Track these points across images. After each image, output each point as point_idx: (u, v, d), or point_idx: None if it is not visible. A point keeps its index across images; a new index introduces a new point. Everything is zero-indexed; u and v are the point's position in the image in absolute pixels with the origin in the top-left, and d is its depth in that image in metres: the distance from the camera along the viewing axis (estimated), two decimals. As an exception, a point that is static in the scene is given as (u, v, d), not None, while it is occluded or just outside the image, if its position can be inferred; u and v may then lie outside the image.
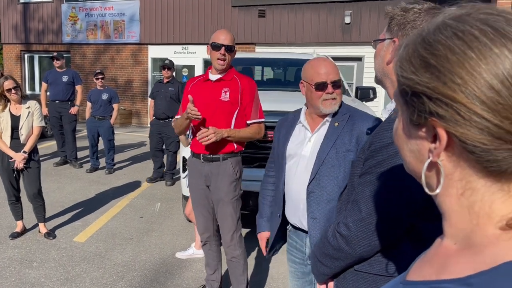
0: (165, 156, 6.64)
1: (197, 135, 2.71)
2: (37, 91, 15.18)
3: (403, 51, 0.57)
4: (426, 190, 0.58)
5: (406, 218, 1.11)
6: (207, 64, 12.17)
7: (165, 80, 6.41)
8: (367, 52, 10.83)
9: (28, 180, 4.22)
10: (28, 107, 4.23)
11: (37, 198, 4.31)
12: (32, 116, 4.24)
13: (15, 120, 4.15)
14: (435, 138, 0.54)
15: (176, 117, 3.05)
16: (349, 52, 11.06)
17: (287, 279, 3.44)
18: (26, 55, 15.28)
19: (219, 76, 2.85)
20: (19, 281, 3.46)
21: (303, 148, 2.01)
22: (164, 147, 6.55)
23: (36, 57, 15.18)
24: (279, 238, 2.22)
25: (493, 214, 0.52)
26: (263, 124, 2.94)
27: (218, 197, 2.90)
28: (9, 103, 4.16)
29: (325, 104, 1.94)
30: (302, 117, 2.06)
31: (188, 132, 3.18)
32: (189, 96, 2.75)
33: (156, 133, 6.41)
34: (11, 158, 4.10)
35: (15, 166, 4.09)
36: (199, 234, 3.16)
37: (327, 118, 1.97)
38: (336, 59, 11.27)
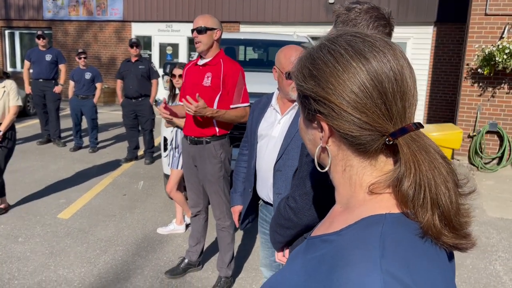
0: (141, 137, 6.74)
1: (184, 104, 2.80)
2: (18, 68, 14.95)
3: (298, 64, 0.74)
4: (318, 168, 0.75)
5: None
6: (191, 42, 12.14)
7: (134, 59, 6.37)
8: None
9: None
10: (4, 87, 4.24)
11: None
12: (8, 95, 4.24)
13: None
14: (322, 129, 0.71)
15: (178, 103, 3.21)
16: (332, 32, 11.13)
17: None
18: (6, 31, 14.97)
19: (205, 60, 2.98)
20: (5, 255, 3.60)
21: (273, 129, 2.17)
22: (140, 127, 6.62)
23: (17, 33, 14.89)
24: (251, 212, 2.40)
25: (363, 183, 0.70)
26: (249, 108, 3.02)
27: (204, 177, 3.10)
28: None
29: (295, 90, 2.09)
30: (274, 100, 2.22)
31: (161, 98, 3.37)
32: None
33: (130, 113, 6.42)
34: None
35: None
36: (190, 208, 3.35)
37: (296, 102, 2.12)
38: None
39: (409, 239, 0.63)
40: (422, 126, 0.69)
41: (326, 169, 0.75)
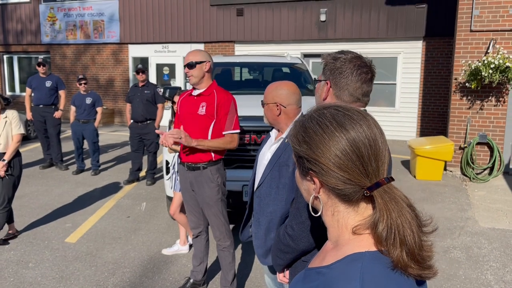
0: (145, 157, 6.94)
1: (167, 133, 3.02)
2: (17, 92, 15.18)
3: (293, 129, 0.94)
4: (312, 213, 0.94)
5: None
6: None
7: (141, 84, 6.69)
8: (342, 48, 11.15)
9: (2, 184, 4.35)
10: (6, 117, 4.39)
11: (5, 204, 4.36)
12: (10, 125, 4.40)
13: None
14: (314, 182, 0.91)
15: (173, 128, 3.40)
16: (325, 49, 11.42)
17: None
18: (5, 56, 15.22)
19: (199, 91, 3.21)
20: (17, 281, 3.75)
21: (265, 157, 2.35)
22: (145, 148, 6.83)
23: (15, 58, 15.15)
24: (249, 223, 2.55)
25: (348, 225, 0.90)
26: (237, 135, 3.26)
27: (203, 200, 3.28)
28: None
29: (264, 118, 2.32)
30: (274, 131, 2.42)
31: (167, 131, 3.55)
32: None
33: (135, 136, 6.68)
34: None
35: None
36: (191, 229, 3.52)
37: (283, 135, 2.26)
38: (312, 56, 11.64)
39: (383, 271, 0.82)
40: (393, 179, 0.89)
41: (319, 213, 0.94)
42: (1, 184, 4.38)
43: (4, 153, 4.35)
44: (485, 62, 6.63)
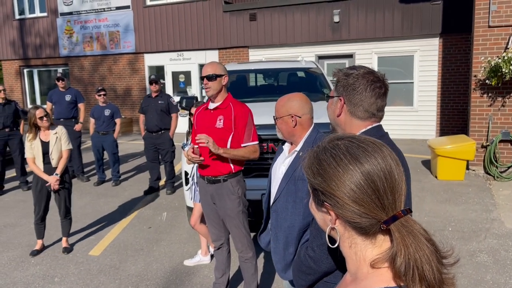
0: (162, 167, 7.01)
1: (196, 137, 3.06)
2: (38, 104, 15.51)
3: (308, 160, 0.93)
4: (328, 244, 0.93)
5: None
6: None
7: (154, 94, 6.75)
8: (357, 49, 11.13)
9: (60, 198, 4.64)
10: (56, 133, 4.60)
11: (67, 213, 4.72)
12: (60, 140, 4.60)
13: (45, 146, 4.53)
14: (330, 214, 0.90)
15: (190, 143, 3.39)
16: (340, 50, 11.36)
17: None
18: (25, 70, 15.60)
19: (215, 105, 3.23)
20: (44, 296, 3.83)
21: (279, 170, 2.34)
22: (160, 158, 6.89)
23: (35, 71, 15.51)
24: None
25: (366, 258, 0.89)
26: (258, 145, 3.27)
27: (224, 213, 3.30)
28: (39, 131, 4.52)
29: (277, 130, 2.30)
30: (287, 143, 2.40)
31: (186, 141, 3.55)
32: (192, 145, 3.19)
33: (150, 146, 6.75)
34: (46, 182, 4.46)
35: (52, 188, 4.48)
36: (212, 241, 3.54)
37: (297, 147, 2.24)
38: (327, 57, 11.57)
39: None
40: (410, 211, 0.87)
41: (337, 244, 0.93)
42: (58, 197, 4.63)
43: (55, 168, 4.54)
44: (505, 58, 6.47)
